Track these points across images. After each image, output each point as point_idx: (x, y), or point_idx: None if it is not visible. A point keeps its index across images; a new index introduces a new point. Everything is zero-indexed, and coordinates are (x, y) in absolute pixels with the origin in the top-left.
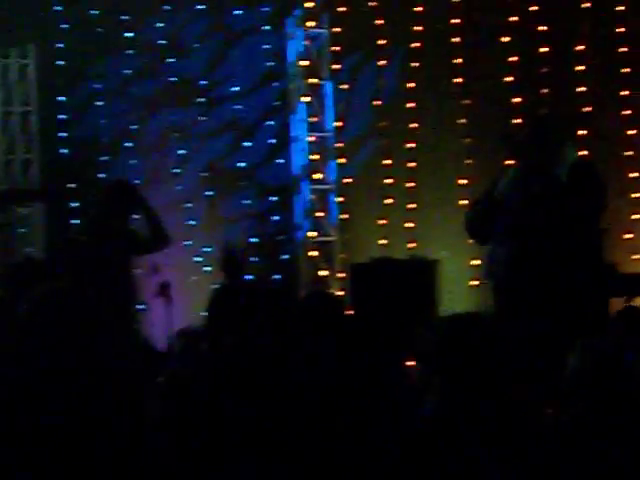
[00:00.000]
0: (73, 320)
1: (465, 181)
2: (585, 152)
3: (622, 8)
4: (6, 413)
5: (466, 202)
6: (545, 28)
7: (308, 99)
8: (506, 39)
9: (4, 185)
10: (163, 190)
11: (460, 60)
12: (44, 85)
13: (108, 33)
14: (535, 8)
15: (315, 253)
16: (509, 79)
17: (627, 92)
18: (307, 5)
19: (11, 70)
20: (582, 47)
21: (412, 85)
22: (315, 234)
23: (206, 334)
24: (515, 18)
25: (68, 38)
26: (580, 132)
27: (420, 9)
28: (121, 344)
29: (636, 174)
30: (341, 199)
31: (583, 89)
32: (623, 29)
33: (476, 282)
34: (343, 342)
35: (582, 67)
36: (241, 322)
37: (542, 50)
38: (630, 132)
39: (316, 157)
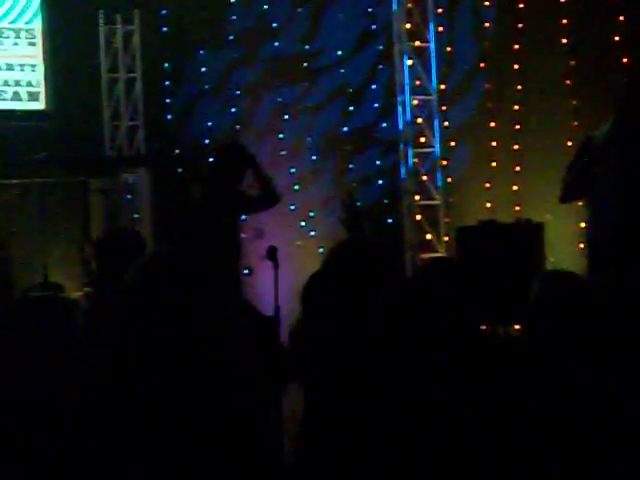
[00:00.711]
0: (183, 284)
1: (571, 143)
2: None
3: None
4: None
5: None
6: None
7: (411, 62)
8: None
9: (110, 151)
10: (268, 155)
11: (566, 20)
12: (149, 51)
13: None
14: None
15: (420, 217)
16: (617, 39)
17: None
18: None
19: (116, 37)
20: None
21: (517, 47)
22: (419, 197)
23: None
24: None
25: (173, 4)
26: None
27: None
28: (228, 308)
29: None
30: (445, 162)
31: None
32: None
33: (582, 245)
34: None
35: None
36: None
37: None
38: None
39: (420, 120)
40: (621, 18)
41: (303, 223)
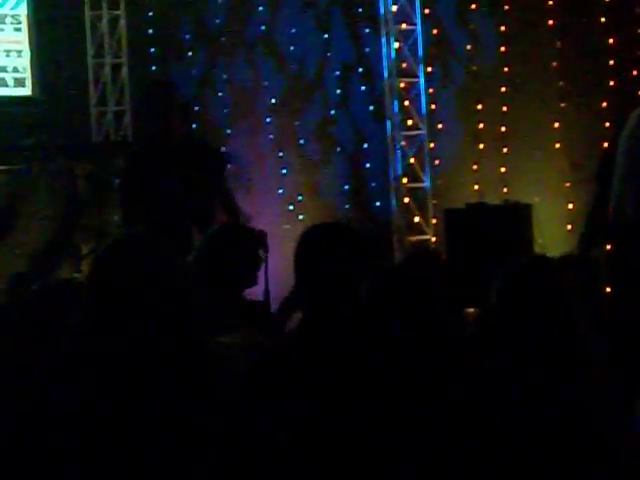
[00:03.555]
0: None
1: (558, 124)
2: None
3: None
4: None
5: (558, 146)
6: None
7: (397, 45)
8: None
9: (96, 137)
10: (255, 139)
11: (552, 2)
12: (135, 37)
13: None
14: None
15: (408, 199)
16: (602, 20)
17: None
18: None
19: (102, 22)
20: None
21: (504, 29)
22: (407, 180)
23: None
24: None
25: None
26: None
27: None
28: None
29: None
30: (432, 145)
31: None
32: None
33: (570, 226)
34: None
35: None
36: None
37: None
38: None
39: (407, 103)
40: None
41: (291, 207)
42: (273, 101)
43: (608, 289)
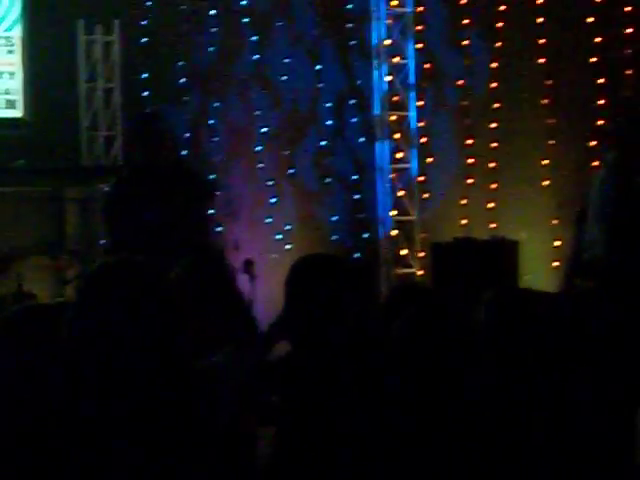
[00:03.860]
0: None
1: (547, 162)
2: None
3: None
4: None
5: (547, 183)
6: (630, 9)
7: (390, 78)
8: (591, 19)
9: (87, 161)
10: (244, 167)
11: (544, 40)
12: (128, 62)
13: (192, 11)
14: None
15: (396, 232)
16: (593, 59)
17: None
18: None
19: (96, 46)
20: None
21: (495, 65)
22: (396, 213)
23: None
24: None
25: (153, 15)
26: None
27: None
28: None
29: None
30: (422, 178)
31: None
32: None
33: (557, 263)
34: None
35: None
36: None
37: (627, 31)
38: None
39: (397, 136)
40: (599, 39)
41: (279, 236)
42: (263, 130)
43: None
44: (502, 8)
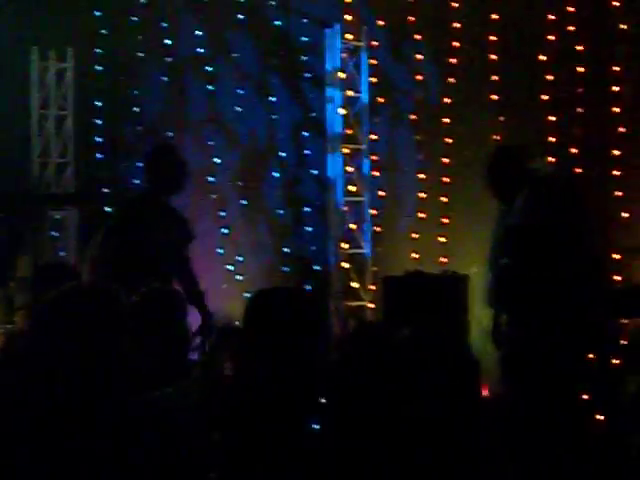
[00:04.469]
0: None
1: None
2: (619, 172)
3: None
4: None
5: None
6: (582, 48)
7: (344, 111)
8: (543, 58)
9: (38, 189)
10: (197, 199)
11: (497, 77)
12: (81, 89)
13: (147, 40)
14: (572, 28)
15: (347, 265)
16: (545, 97)
17: None
18: (346, 18)
19: (49, 73)
20: (618, 68)
21: (448, 100)
22: (347, 246)
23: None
24: (552, 37)
25: (107, 43)
26: (615, 152)
27: (458, 26)
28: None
29: None
30: (374, 212)
31: (618, 110)
32: None
33: None
34: None
35: (617, 88)
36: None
37: (579, 70)
38: None
39: (350, 169)
40: (551, 77)
41: (231, 267)
42: (216, 161)
43: None
44: (456, 44)
